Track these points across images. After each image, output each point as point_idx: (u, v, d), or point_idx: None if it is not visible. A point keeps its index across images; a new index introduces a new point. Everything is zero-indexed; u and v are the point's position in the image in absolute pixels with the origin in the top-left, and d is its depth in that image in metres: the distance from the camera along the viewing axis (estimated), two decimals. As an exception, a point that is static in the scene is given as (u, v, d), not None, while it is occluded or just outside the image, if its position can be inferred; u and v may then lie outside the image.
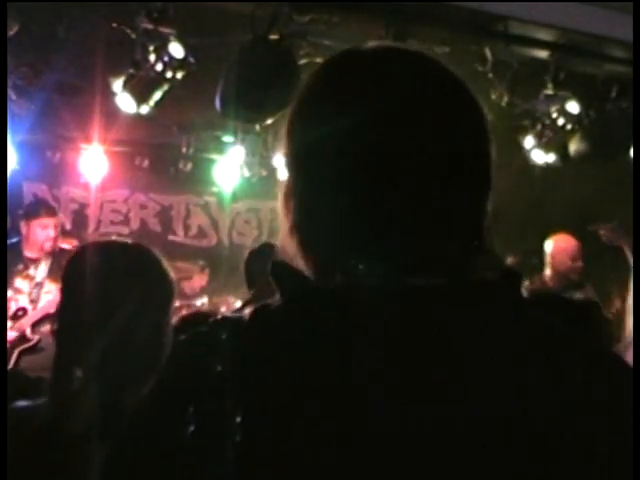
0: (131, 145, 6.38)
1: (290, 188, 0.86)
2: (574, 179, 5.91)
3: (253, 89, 4.03)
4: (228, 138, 6.32)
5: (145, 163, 6.62)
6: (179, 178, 6.77)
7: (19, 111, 4.82)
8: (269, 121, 4.37)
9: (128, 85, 4.46)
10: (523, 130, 5.43)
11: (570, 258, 4.84)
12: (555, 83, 4.93)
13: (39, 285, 4.67)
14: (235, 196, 6.82)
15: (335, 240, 0.82)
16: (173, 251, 6.18)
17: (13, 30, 3.81)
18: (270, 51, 4.08)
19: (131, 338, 1.52)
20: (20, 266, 4.66)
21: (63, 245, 4.78)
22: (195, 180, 6.83)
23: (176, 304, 1.82)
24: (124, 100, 4.52)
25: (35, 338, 4.54)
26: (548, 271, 4.86)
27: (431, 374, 0.75)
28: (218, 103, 4.24)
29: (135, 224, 6.85)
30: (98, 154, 5.88)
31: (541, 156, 5.49)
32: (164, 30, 4.21)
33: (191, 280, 6.15)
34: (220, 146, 6.46)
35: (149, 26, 4.19)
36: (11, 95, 4.60)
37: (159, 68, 4.35)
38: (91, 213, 6.50)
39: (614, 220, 4.83)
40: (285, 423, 0.74)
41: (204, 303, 5.87)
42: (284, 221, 0.86)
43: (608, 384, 0.78)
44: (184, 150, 6.54)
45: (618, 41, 4.42)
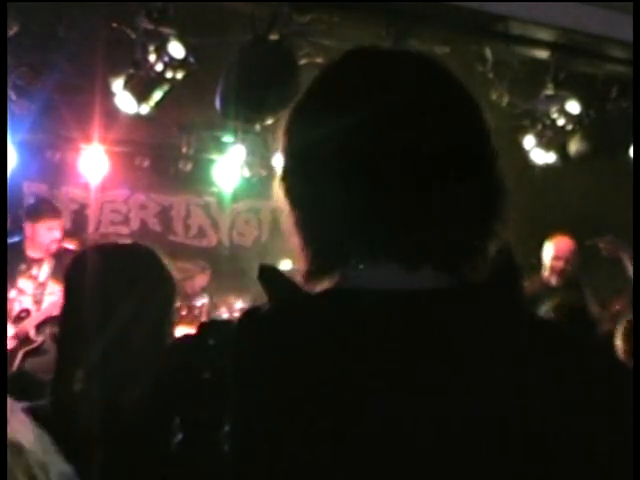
0: (131, 145, 6.37)
1: (290, 189, 0.85)
2: (574, 179, 5.91)
3: (253, 89, 4.02)
4: (228, 138, 6.32)
5: (145, 163, 6.61)
6: (179, 178, 6.76)
7: (19, 111, 4.81)
8: (269, 121, 4.37)
9: (128, 85, 4.46)
10: (523, 130, 5.43)
11: (567, 260, 4.84)
12: (555, 83, 4.93)
13: (42, 286, 4.64)
14: (235, 196, 6.81)
15: (335, 241, 0.82)
16: (173, 251, 6.17)
17: (13, 30, 3.81)
18: (270, 51, 4.08)
19: (133, 338, 1.52)
20: (23, 266, 4.64)
21: (66, 245, 4.77)
22: (195, 180, 6.83)
23: (176, 304, 1.82)
24: (124, 100, 4.52)
25: (39, 340, 4.53)
26: (546, 272, 4.86)
27: (429, 375, 0.75)
28: (218, 103, 4.24)
29: (135, 224, 6.85)
30: (98, 154, 5.87)
31: (541, 156, 5.50)
32: (164, 30, 4.21)
33: (192, 280, 6.14)
34: (220, 146, 6.46)
35: (149, 26, 4.19)
36: (11, 95, 4.60)
37: (159, 68, 4.35)
38: (91, 213, 6.49)
39: (611, 228, 4.86)
40: (275, 426, 0.74)
41: (204, 303, 5.86)
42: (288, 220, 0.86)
43: (607, 384, 0.78)
44: (184, 150, 6.54)
45: (618, 41, 4.41)
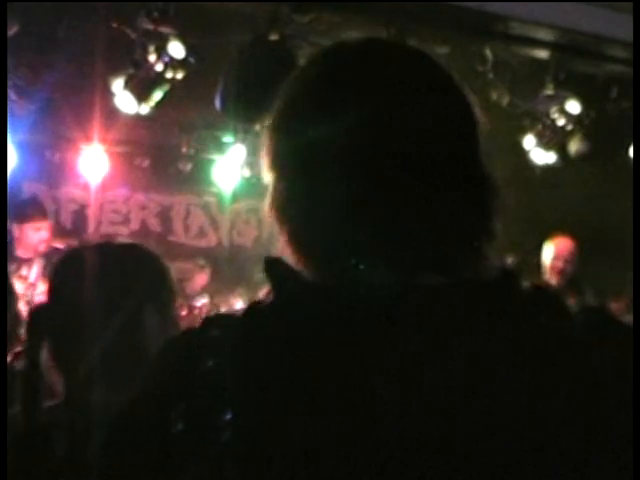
0: (131, 145, 6.37)
1: (283, 192, 0.85)
2: (574, 179, 5.91)
3: (253, 89, 4.02)
4: (228, 138, 6.32)
5: (145, 163, 6.62)
6: (179, 178, 6.77)
7: (19, 111, 4.82)
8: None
9: (128, 85, 4.46)
10: (523, 130, 5.44)
11: (567, 261, 4.83)
12: (555, 83, 4.93)
13: (33, 286, 4.65)
14: (235, 196, 6.81)
15: (335, 241, 0.82)
16: (173, 251, 6.18)
17: (13, 30, 3.81)
18: (270, 51, 4.08)
19: (132, 339, 1.51)
20: (13, 266, 4.65)
21: (56, 245, 4.77)
22: (195, 180, 6.83)
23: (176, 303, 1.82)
24: (124, 100, 4.52)
25: None
26: (546, 273, 4.86)
27: (429, 373, 0.75)
28: (218, 103, 4.24)
29: (135, 224, 6.85)
30: (98, 154, 5.87)
31: (541, 156, 5.50)
32: (164, 30, 4.22)
33: (191, 280, 6.14)
34: (220, 146, 6.46)
35: (149, 26, 4.19)
36: (11, 95, 4.60)
37: (159, 68, 4.35)
38: (91, 213, 6.50)
39: (611, 228, 4.84)
40: (276, 420, 0.74)
41: (205, 303, 5.86)
42: (277, 225, 0.85)
43: (608, 383, 0.78)
44: (184, 150, 6.55)
45: (618, 41, 4.42)
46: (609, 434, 0.75)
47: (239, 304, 5.83)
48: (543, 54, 4.76)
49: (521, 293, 0.83)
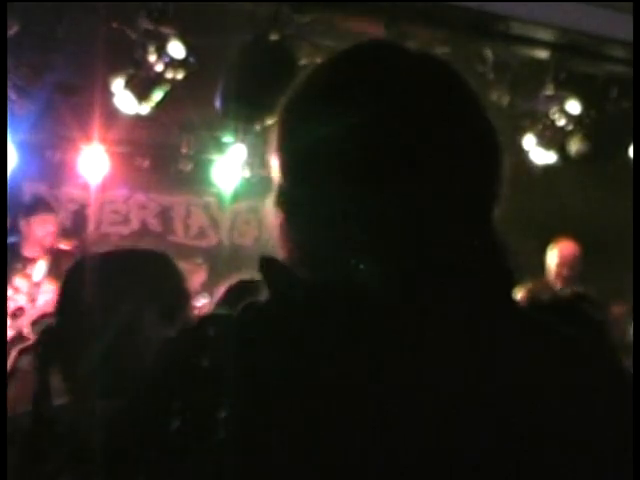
0: (131, 145, 6.37)
1: (287, 191, 0.85)
2: (574, 179, 5.91)
3: (253, 89, 4.03)
4: (228, 138, 6.32)
5: (145, 163, 6.61)
6: (179, 178, 6.76)
7: (19, 111, 4.82)
8: (269, 121, 4.37)
9: (128, 85, 4.46)
10: (523, 130, 5.43)
11: (572, 266, 4.81)
12: (555, 83, 4.93)
13: (37, 285, 4.69)
14: (235, 196, 6.81)
15: (335, 241, 0.82)
16: (173, 252, 6.16)
17: (13, 30, 3.82)
18: (270, 51, 4.09)
19: (136, 341, 1.51)
20: (18, 265, 4.68)
21: (62, 246, 4.80)
22: (195, 180, 6.82)
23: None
24: (124, 100, 4.52)
25: (34, 338, 4.55)
26: (549, 277, 4.83)
27: (429, 372, 0.75)
28: (218, 103, 4.24)
29: (135, 224, 6.84)
30: (98, 154, 5.87)
31: (541, 156, 5.49)
32: (164, 30, 4.22)
33: (190, 279, 6.14)
34: (220, 146, 6.45)
35: (149, 26, 4.19)
36: (11, 95, 4.59)
37: (159, 68, 4.35)
38: (91, 213, 6.49)
39: (611, 228, 4.83)
40: (272, 418, 0.74)
41: (205, 304, 5.86)
42: (279, 223, 0.85)
43: (606, 384, 0.78)
44: (184, 150, 6.54)
45: (618, 41, 4.42)
46: (607, 433, 0.75)
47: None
48: (543, 54, 4.76)
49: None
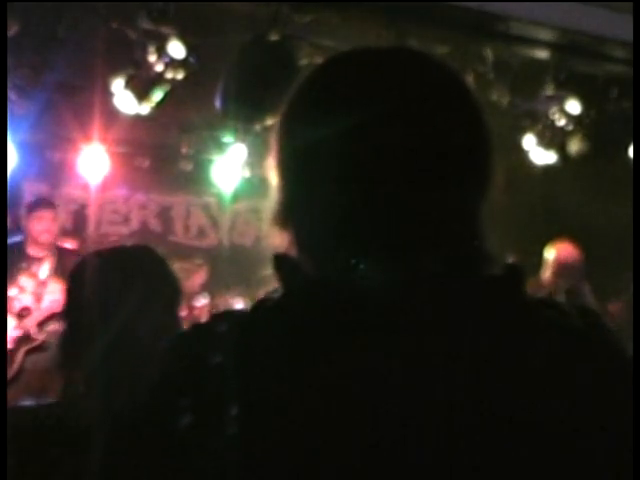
0: (131, 145, 6.37)
1: (288, 193, 0.85)
2: (574, 179, 5.91)
3: (253, 89, 4.03)
4: (228, 138, 6.32)
5: (145, 163, 6.61)
6: (179, 178, 6.76)
7: (19, 111, 4.82)
8: (269, 121, 4.37)
9: (128, 85, 4.46)
10: (523, 130, 5.43)
11: (570, 267, 4.79)
12: (555, 83, 4.93)
13: (43, 284, 4.68)
14: (235, 196, 6.81)
15: (336, 241, 0.82)
16: (173, 252, 6.17)
17: (13, 30, 3.82)
18: (270, 51, 4.09)
19: (137, 339, 1.52)
20: (24, 264, 4.68)
21: (65, 245, 4.80)
22: (195, 180, 6.82)
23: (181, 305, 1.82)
24: (124, 100, 4.52)
25: (40, 338, 4.55)
26: (548, 278, 4.81)
27: (433, 369, 0.75)
28: (218, 103, 4.24)
29: (135, 224, 6.85)
30: (98, 154, 5.87)
31: (541, 156, 5.49)
32: (164, 30, 4.22)
33: (190, 279, 6.13)
34: (220, 146, 6.45)
35: (149, 26, 4.19)
36: (11, 95, 4.60)
37: (159, 68, 4.35)
38: (91, 213, 6.49)
39: (610, 229, 4.82)
40: (283, 415, 0.74)
41: (205, 304, 5.86)
42: (281, 225, 0.86)
43: (613, 380, 0.78)
44: (184, 150, 6.54)
45: (618, 41, 4.42)
46: (611, 430, 0.75)
47: (239, 305, 5.83)
48: (543, 54, 4.76)
49: (524, 289, 0.83)
